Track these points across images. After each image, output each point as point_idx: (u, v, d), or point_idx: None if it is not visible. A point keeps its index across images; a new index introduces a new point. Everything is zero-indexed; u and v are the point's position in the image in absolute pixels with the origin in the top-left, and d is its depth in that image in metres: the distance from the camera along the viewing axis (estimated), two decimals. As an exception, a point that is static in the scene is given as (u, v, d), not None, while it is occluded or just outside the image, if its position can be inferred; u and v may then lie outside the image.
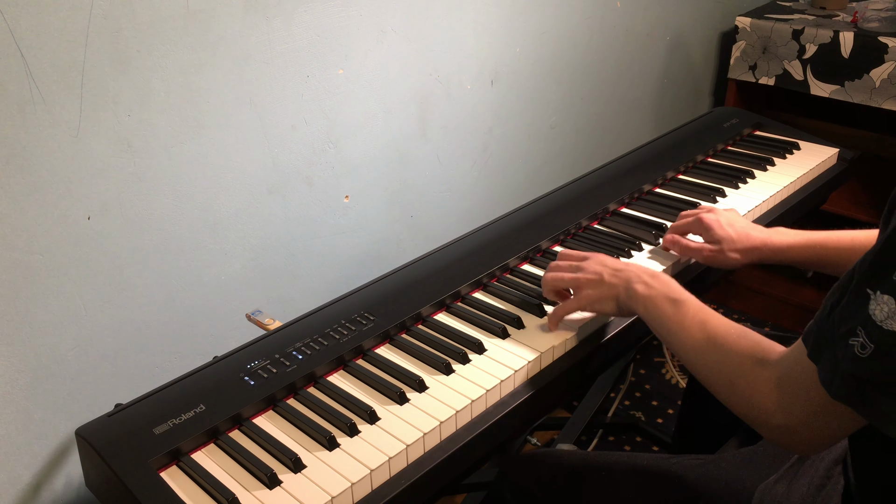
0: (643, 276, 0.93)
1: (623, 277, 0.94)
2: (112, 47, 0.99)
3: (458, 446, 0.84)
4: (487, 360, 0.94)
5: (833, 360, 0.66)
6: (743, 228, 1.09)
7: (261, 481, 0.78)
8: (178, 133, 1.09)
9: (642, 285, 0.91)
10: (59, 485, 1.12)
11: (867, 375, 0.63)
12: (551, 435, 1.82)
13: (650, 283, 0.91)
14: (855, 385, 0.64)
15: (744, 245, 1.07)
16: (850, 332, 0.64)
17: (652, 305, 0.90)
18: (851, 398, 0.65)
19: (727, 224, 1.09)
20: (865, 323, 0.63)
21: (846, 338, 0.65)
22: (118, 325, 1.11)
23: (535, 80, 1.66)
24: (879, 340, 0.62)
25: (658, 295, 0.90)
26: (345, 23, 1.25)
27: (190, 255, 1.17)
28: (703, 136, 1.55)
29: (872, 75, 1.80)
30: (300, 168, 1.28)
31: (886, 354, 0.62)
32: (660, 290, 0.90)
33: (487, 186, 1.66)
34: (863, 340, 0.63)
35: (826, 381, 0.67)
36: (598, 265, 0.97)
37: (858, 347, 0.63)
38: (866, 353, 0.63)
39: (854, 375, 0.64)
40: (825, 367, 0.67)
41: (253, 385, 0.88)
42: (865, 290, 0.64)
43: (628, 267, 0.95)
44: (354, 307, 1.02)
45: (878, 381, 0.63)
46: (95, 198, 1.03)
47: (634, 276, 0.93)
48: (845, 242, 1.03)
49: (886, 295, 0.62)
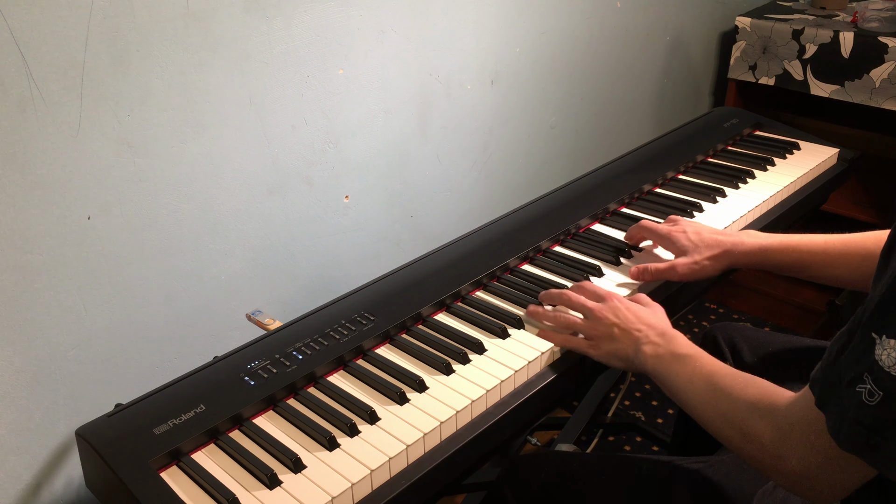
0: (651, 336, 0.91)
1: (633, 338, 0.92)
2: (112, 47, 0.99)
3: (458, 446, 0.84)
4: (487, 360, 0.94)
5: (840, 409, 0.65)
6: (710, 234, 1.08)
7: (261, 481, 0.78)
8: (178, 133, 1.09)
9: (650, 346, 0.91)
10: (59, 485, 1.12)
11: (875, 423, 0.61)
12: (551, 435, 1.82)
13: (658, 342, 0.91)
14: (863, 433, 0.63)
15: (713, 251, 1.06)
16: (857, 379, 0.63)
17: (660, 365, 0.89)
18: (860, 447, 0.64)
19: (693, 233, 1.08)
20: (872, 369, 0.61)
21: (853, 385, 0.63)
22: (118, 325, 1.11)
23: (535, 80, 1.66)
24: (888, 387, 0.60)
25: (665, 353, 0.89)
26: (345, 23, 1.25)
27: (190, 255, 1.17)
28: (703, 136, 1.55)
29: (872, 75, 1.80)
30: (300, 168, 1.28)
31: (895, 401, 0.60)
32: (667, 348, 0.90)
33: (487, 186, 1.66)
34: (870, 387, 0.61)
35: (834, 431, 0.66)
36: (610, 316, 0.95)
37: (866, 395, 0.62)
38: (874, 401, 0.61)
39: (862, 423, 0.62)
40: (832, 415, 0.66)
41: (253, 385, 0.88)
42: (871, 335, 0.62)
43: (639, 324, 0.93)
44: (354, 307, 1.02)
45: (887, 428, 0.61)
46: (95, 198, 1.03)
47: (644, 338, 0.92)
48: (818, 246, 1.02)
49: (893, 339, 0.60)
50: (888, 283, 0.62)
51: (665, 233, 1.10)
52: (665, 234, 1.10)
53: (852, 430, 0.63)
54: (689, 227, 1.10)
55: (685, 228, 1.10)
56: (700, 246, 1.07)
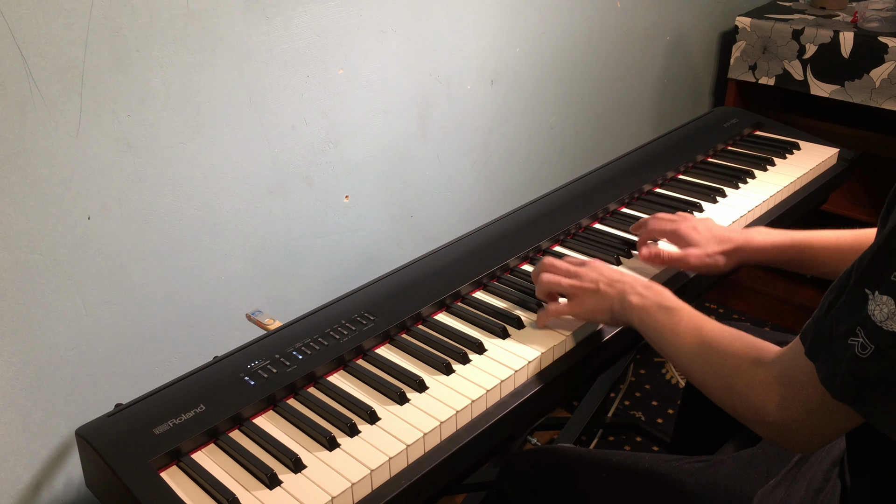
0: (637, 287, 0.92)
1: (618, 289, 0.94)
2: (112, 47, 0.99)
3: (458, 446, 0.84)
4: (487, 360, 0.94)
5: (832, 360, 0.66)
6: (720, 231, 1.08)
7: (261, 481, 0.78)
8: (178, 133, 1.09)
9: (636, 296, 0.91)
10: (59, 485, 1.12)
11: (867, 375, 0.63)
12: (551, 435, 1.82)
13: (644, 293, 0.91)
14: (856, 385, 0.64)
15: (725, 247, 1.06)
16: (850, 332, 0.64)
17: (646, 315, 0.90)
18: (852, 398, 0.65)
19: (703, 228, 1.08)
20: (865, 323, 0.63)
21: (845, 337, 0.64)
22: (118, 325, 1.11)
23: (535, 80, 1.66)
24: (880, 341, 0.62)
25: (651, 304, 0.90)
26: (345, 23, 1.25)
27: (190, 255, 1.17)
28: (703, 136, 1.55)
29: (872, 75, 1.80)
30: (300, 168, 1.28)
31: (886, 355, 0.61)
32: (653, 299, 0.90)
33: (487, 186, 1.66)
34: (863, 341, 0.63)
35: (826, 381, 0.67)
36: (594, 273, 0.97)
37: (859, 348, 0.63)
38: (867, 354, 0.63)
39: (855, 375, 0.64)
40: (824, 366, 0.67)
41: (253, 385, 0.88)
42: (864, 290, 0.63)
43: (623, 278, 0.95)
44: (354, 307, 1.02)
45: (878, 382, 0.63)
46: (95, 198, 1.03)
47: (629, 288, 0.93)
48: (830, 242, 1.02)
49: (885, 296, 0.61)
50: (881, 241, 0.63)
51: (673, 228, 1.10)
52: (673, 230, 1.10)
53: (845, 380, 0.65)
54: (698, 223, 1.10)
55: (695, 224, 1.10)
56: (711, 241, 1.07)
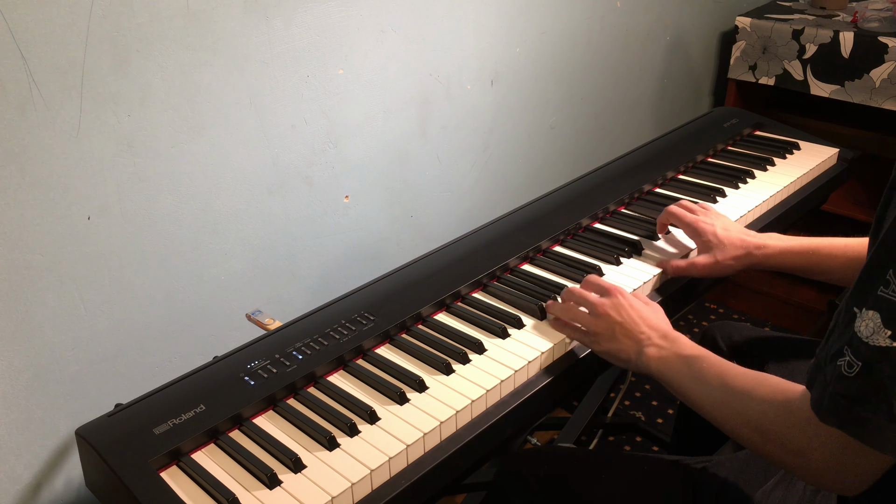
0: (654, 339, 0.90)
1: (635, 339, 0.92)
2: (112, 47, 0.99)
3: (458, 446, 0.84)
4: (487, 360, 0.94)
5: (822, 384, 0.64)
6: (738, 234, 1.08)
7: (261, 481, 0.78)
8: (178, 133, 1.09)
9: (654, 348, 0.90)
10: (59, 485, 1.12)
11: (855, 393, 0.61)
12: (551, 435, 1.82)
13: (661, 344, 0.90)
14: (844, 405, 0.62)
15: (737, 252, 1.06)
16: (838, 354, 0.63)
17: (665, 367, 0.88)
18: (840, 419, 0.63)
19: (721, 229, 1.08)
20: (851, 341, 0.61)
21: (834, 360, 0.63)
22: (118, 325, 1.11)
23: (535, 80, 1.66)
24: (867, 357, 0.60)
25: (670, 355, 0.88)
26: (345, 23, 1.25)
27: (190, 255, 1.17)
28: (703, 136, 1.55)
29: (872, 75, 1.80)
30: (300, 168, 1.28)
31: (874, 370, 0.60)
32: (672, 350, 0.88)
33: (487, 186, 1.66)
34: (849, 359, 0.61)
35: (816, 405, 0.65)
36: (613, 314, 0.94)
37: (845, 367, 0.62)
38: (853, 372, 0.61)
39: (841, 395, 0.62)
40: (815, 391, 0.66)
41: (253, 385, 0.88)
42: (852, 310, 0.62)
43: (642, 324, 0.92)
44: (354, 307, 1.02)
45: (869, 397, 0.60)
46: (95, 198, 1.03)
47: (646, 340, 0.91)
48: (839, 249, 1.02)
49: (871, 311, 0.60)
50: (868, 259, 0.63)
51: (691, 221, 1.10)
52: (691, 223, 1.10)
53: (832, 402, 0.63)
54: (717, 222, 1.09)
55: (714, 222, 1.09)
56: (726, 245, 1.06)
